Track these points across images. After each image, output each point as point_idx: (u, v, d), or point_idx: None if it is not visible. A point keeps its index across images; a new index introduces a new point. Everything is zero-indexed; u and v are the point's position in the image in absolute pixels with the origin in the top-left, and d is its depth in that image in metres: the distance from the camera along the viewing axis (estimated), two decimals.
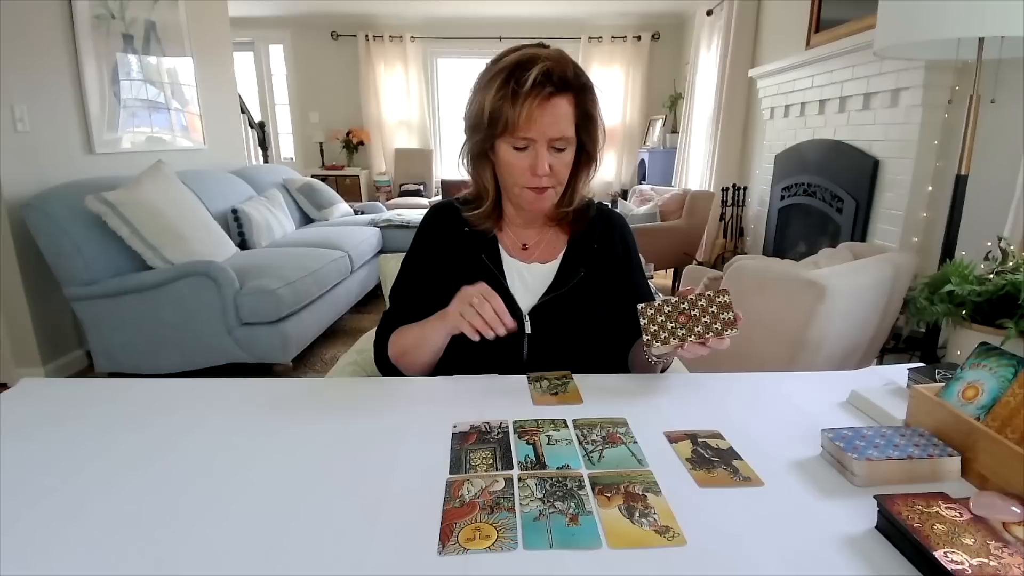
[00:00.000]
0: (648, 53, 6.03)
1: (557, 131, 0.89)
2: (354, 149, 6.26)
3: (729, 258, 3.51)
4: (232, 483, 0.64)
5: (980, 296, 1.36)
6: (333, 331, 3.19)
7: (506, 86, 0.87)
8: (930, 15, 1.53)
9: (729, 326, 0.79)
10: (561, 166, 0.93)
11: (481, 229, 1.02)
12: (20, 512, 0.59)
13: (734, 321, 0.80)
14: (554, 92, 0.87)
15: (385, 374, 1.04)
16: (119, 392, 0.88)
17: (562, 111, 0.89)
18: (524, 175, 0.92)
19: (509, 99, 0.87)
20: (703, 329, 0.80)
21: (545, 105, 0.87)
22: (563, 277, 1.00)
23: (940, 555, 0.48)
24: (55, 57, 2.66)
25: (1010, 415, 0.62)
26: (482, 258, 1.01)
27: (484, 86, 0.90)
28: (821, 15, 3.21)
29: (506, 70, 0.88)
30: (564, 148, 0.92)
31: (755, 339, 1.79)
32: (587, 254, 1.03)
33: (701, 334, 0.80)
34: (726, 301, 0.81)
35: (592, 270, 1.02)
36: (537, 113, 0.87)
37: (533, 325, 0.98)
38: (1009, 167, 1.99)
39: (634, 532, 0.55)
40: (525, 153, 0.91)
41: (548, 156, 0.90)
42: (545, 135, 0.89)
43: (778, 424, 0.77)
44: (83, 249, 2.32)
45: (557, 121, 0.89)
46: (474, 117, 0.93)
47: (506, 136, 0.90)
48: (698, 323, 0.80)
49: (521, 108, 0.86)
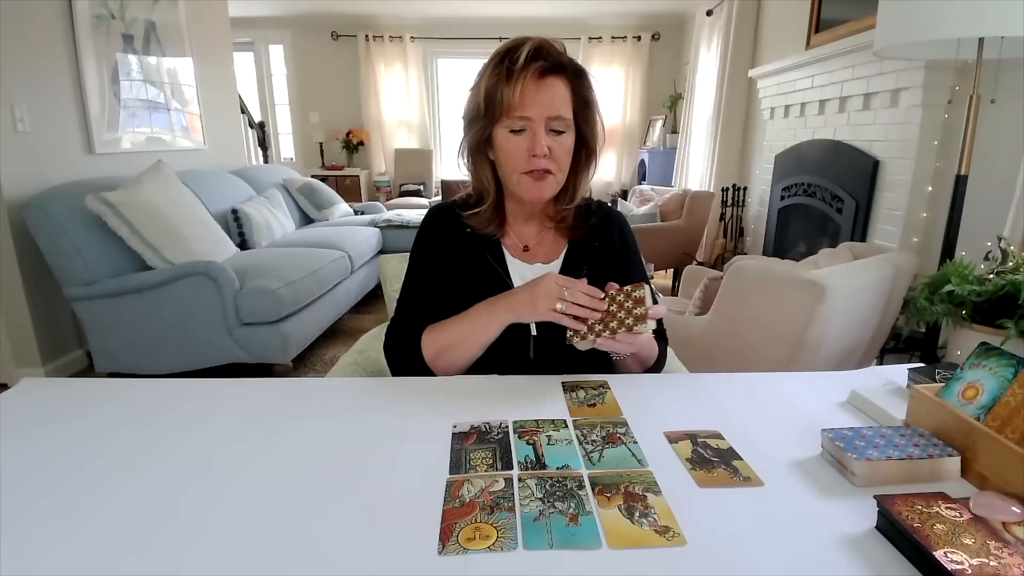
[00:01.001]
0: (648, 53, 6.03)
1: (554, 110, 0.89)
2: (354, 149, 6.26)
3: (729, 258, 3.51)
4: (232, 483, 0.64)
5: (980, 296, 1.36)
6: (333, 331, 3.19)
7: (500, 66, 0.89)
8: (930, 15, 1.53)
9: (640, 320, 0.78)
10: (560, 150, 0.92)
11: (484, 233, 1.01)
12: (20, 512, 0.59)
13: (644, 317, 0.79)
14: (547, 69, 0.88)
15: (397, 373, 1.01)
16: (119, 392, 0.88)
17: (558, 91, 0.90)
18: (523, 159, 0.91)
19: (504, 78, 0.88)
20: (617, 324, 0.80)
21: (540, 83, 0.88)
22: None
23: (940, 555, 0.48)
24: (55, 57, 2.66)
25: (1010, 415, 0.62)
26: (487, 258, 1.00)
27: (480, 76, 0.92)
28: (821, 15, 3.21)
29: (499, 54, 0.90)
30: (563, 131, 0.92)
31: (755, 339, 1.79)
32: (588, 252, 1.03)
33: (615, 329, 0.80)
34: (640, 296, 0.80)
35: (594, 268, 1.01)
36: (532, 89, 0.88)
37: (539, 326, 0.98)
38: (1009, 167, 1.99)
39: (634, 532, 0.55)
40: (523, 136, 0.91)
41: (546, 138, 0.90)
42: (542, 114, 0.89)
43: (778, 424, 0.77)
44: (83, 249, 2.32)
45: (553, 100, 0.89)
46: (472, 109, 0.93)
47: (503, 119, 0.90)
48: (613, 318, 0.80)
49: (516, 84, 0.87)
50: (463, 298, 0.97)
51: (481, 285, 0.98)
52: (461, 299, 0.97)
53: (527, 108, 0.88)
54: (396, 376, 1.02)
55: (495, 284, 0.98)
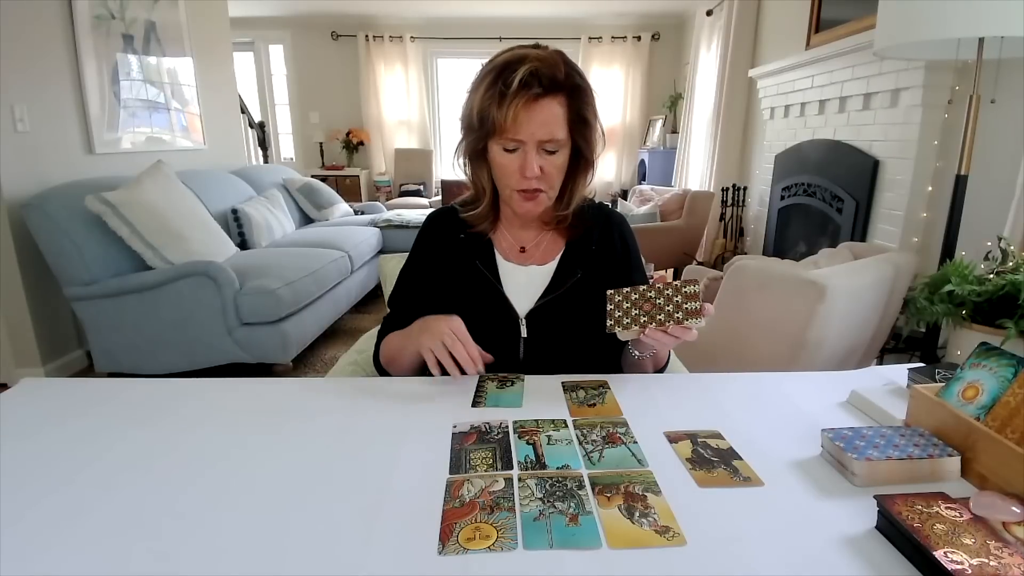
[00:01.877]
0: (648, 53, 6.03)
1: (546, 133, 0.88)
2: (354, 149, 6.26)
3: (729, 258, 3.51)
4: (232, 483, 0.64)
5: (980, 296, 1.36)
6: (333, 331, 3.19)
7: (494, 87, 0.86)
8: (930, 15, 1.53)
9: (692, 316, 0.77)
10: (552, 169, 0.91)
11: (479, 230, 1.02)
12: (20, 512, 0.59)
13: (699, 311, 0.78)
14: (542, 93, 0.86)
15: (382, 375, 1.04)
16: (119, 392, 0.88)
17: (552, 113, 0.87)
18: (514, 177, 0.91)
19: (496, 100, 0.86)
20: (664, 317, 0.79)
21: (532, 107, 0.86)
22: (560, 279, 1.00)
23: (940, 555, 0.48)
24: (55, 57, 2.66)
25: (1010, 415, 0.62)
26: (476, 264, 1.01)
27: (475, 87, 0.90)
28: (821, 15, 3.21)
29: (495, 70, 0.87)
30: (555, 151, 0.91)
31: (755, 339, 1.79)
32: (585, 256, 1.03)
33: (662, 321, 0.79)
34: (693, 291, 0.79)
35: (590, 272, 1.01)
36: (524, 115, 0.86)
37: (530, 327, 0.98)
38: (1009, 167, 1.99)
39: (634, 532, 0.55)
40: (515, 155, 0.90)
41: (538, 158, 0.89)
42: (533, 137, 0.88)
43: (778, 424, 0.77)
44: (83, 249, 2.32)
45: (546, 123, 0.87)
46: (467, 118, 0.92)
47: (496, 137, 0.90)
48: (661, 311, 0.79)
49: (508, 109, 0.85)
50: (453, 302, 0.98)
51: (471, 290, 1.00)
52: (451, 303, 0.98)
53: (519, 132, 0.87)
54: (381, 377, 1.04)
55: (485, 289, 0.99)
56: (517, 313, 0.99)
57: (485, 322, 0.96)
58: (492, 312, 0.98)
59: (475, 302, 0.99)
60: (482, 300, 0.99)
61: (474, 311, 0.96)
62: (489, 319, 0.98)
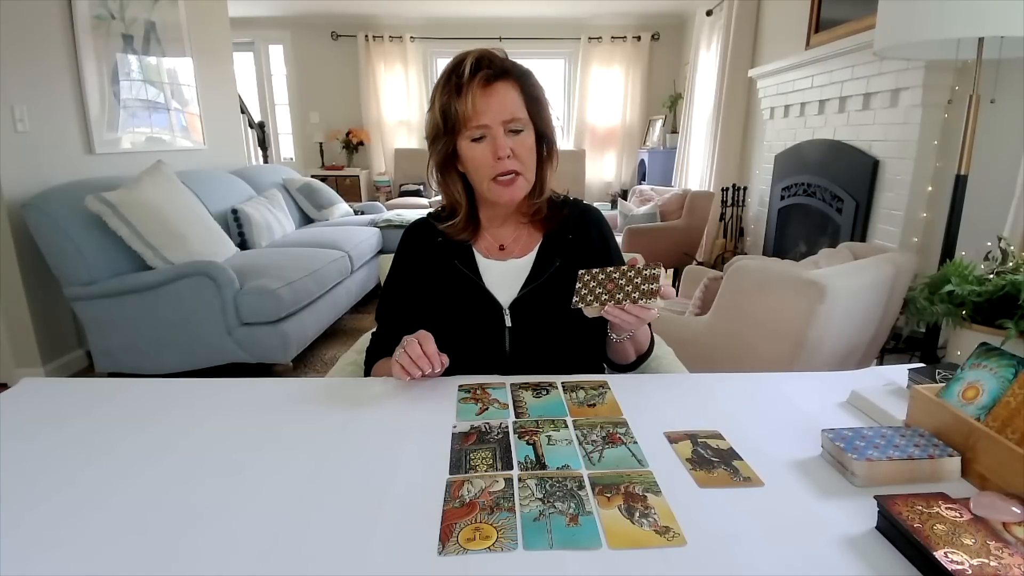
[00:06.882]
0: (648, 53, 6.03)
1: (507, 112, 0.92)
2: (354, 149, 6.26)
3: (729, 258, 3.51)
4: (232, 483, 0.64)
5: (980, 296, 1.36)
6: (333, 331, 3.19)
7: (448, 83, 0.92)
8: (930, 15, 1.53)
9: (649, 296, 0.81)
10: (522, 149, 0.95)
11: (458, 240, 1.04)
12: (20, 512, 0.59)
13: (655, 292, 0.82)
14: (493, 76, 0.92)
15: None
16: (119, 392, 0.88)
17: (508, 95, 0.93)
18: (489, 165, 0.94)
19: (454, 93, 0.91)
20: (623, 296, 0.82)
21: (489, 92, 0.91)
22: (539, 269, 1.02)
23: (940, 555, 0.48)
24: (55, 57, 2.66)
25: (1010, 415, 0.62)
26: (455, 264, 1.02)
27: (432, 98, 0.96)
28: (821, 15, 3.21)
29: (446, 74, 0.94)
30: (521, 130, 0.94)
31: (755, 339, 1.79)
32: (563, 245, 1.04)
33: (620, 300, 0.82)
34: (653, 274, 0.83)
35: (568, 260, 1.03)
36: (483, 101, 0.91)
37: (513, 317, 1.00)
38: (1009, 167, 1.99)
39: (634, 532, 0.55)
40: (484, 143, 0.93)
41: (507, 139, 0.93)
42: (497, 118, 0.92)
43: (778, 424, 0.77)
44: (83, 249, 2.32)
45: (505, 103, 0.92)
46: (432, 129, 0.97)
47: (463, 131, 0.93)
48: (621, 291, 0.83)
49: (467, 96, 0.90)
50: (439, 306, 1.01)
51: (454, 291, 1.02)
52: (437, 307, 1.01)
53: (481, 116, 0.91)
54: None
55: (467, 286, 1.01)
56: (500, 304, 1.00)
57: (470, 316, 0.99)
58: (475, 306, 1.00)
59: (458, 299, 1.01)
60: (465, 296, 1.01)
61: (458, 307, 1.00)
62: (473, 313, 1.00)
